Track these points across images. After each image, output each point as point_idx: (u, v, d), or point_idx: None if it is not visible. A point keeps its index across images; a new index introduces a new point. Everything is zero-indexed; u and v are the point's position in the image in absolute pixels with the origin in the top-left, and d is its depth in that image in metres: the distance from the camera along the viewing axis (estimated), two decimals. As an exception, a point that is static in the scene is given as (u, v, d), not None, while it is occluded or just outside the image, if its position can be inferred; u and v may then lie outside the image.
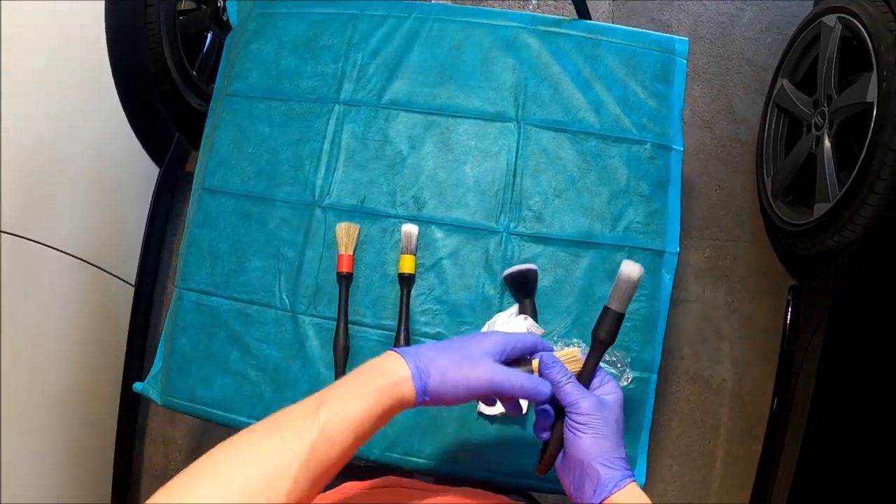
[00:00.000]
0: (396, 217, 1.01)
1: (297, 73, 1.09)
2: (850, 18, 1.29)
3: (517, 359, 0.61)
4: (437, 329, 0.97)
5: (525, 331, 0.90)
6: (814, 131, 1.42)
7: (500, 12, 1.09)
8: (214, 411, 1.00)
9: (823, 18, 1.40)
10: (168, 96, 1.49)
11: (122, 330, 1.52)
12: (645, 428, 0.95)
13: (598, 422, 0.56)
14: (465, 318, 0.97)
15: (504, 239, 0.99)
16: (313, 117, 1.06)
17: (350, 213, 1.02)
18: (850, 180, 1.22)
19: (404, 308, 0.96)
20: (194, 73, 1.55)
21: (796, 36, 1.55)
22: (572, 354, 0.65)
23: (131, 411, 1.60)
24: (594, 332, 0.63)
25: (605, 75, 1.05)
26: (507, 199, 1.01)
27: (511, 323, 0.91)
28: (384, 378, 0.54)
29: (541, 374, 0.60)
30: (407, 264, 0.97)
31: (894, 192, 1.13)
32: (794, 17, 1.83)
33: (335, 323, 0.98)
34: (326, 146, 1.05)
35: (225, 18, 1.64)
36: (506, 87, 1.05)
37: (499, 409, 0.92)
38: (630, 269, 0.63)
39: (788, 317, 1.47)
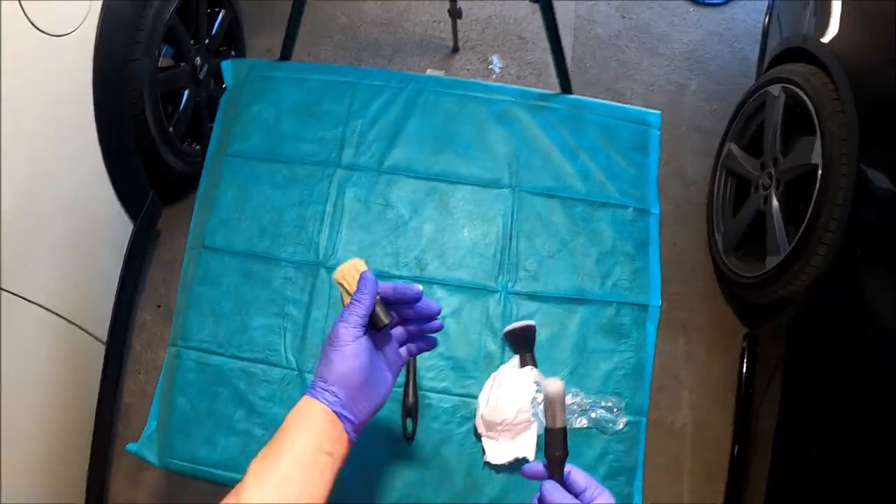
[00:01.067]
0: (400, 277, 1.05)
1: (297, 136, 1.13)
2: (794, 88, 1.46)
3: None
4: (444, 384, 1.01)
5: (531, 381, 0.96)
6: (761, 191, 1.58)
7: (492, 86, 1.18)
8: (218, 472, 0.99)
9: (769, 88, 1.58)
10: (145, 152, 1.49)
11: (91, 389, 1.47)
12: (639, 467, 1.01)
13: None
14: (470, 373, 1.01)
15: (503, 297, 1.05)
16: (315, 180, 1.10)
17: (354, 274, 1.05)
18: (798, 234, 1.37)
19: (412, 365, 1.00)
20: (171, 129, 1.55)
21: (742, 104, 1.73)
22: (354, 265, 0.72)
23: (99, 475, 1.52)
24: (547, 454, 0.66)
25: (588, 146, 1.15)
26: (504, 261, 1.07)
27: (518, 375, 0.97)
28: (293, 414, 0.64)
29: (543, 498, 0.63)
30: (412, 323, 1.01)
31: (839, 245, 1.28)
32: (735, 86, 2.04)
33: (343, 381, 1.00)
34: (329, 208, 1.09)
35: (202, 77, 1.66)
36: (500, 156, 1.13)
37: (505, 458, 0.96)
38: (551, 387, 0.66)
39: (745, 362, 1.59)
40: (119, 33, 1.33)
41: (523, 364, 1.00)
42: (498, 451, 0.97)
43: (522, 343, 1.01)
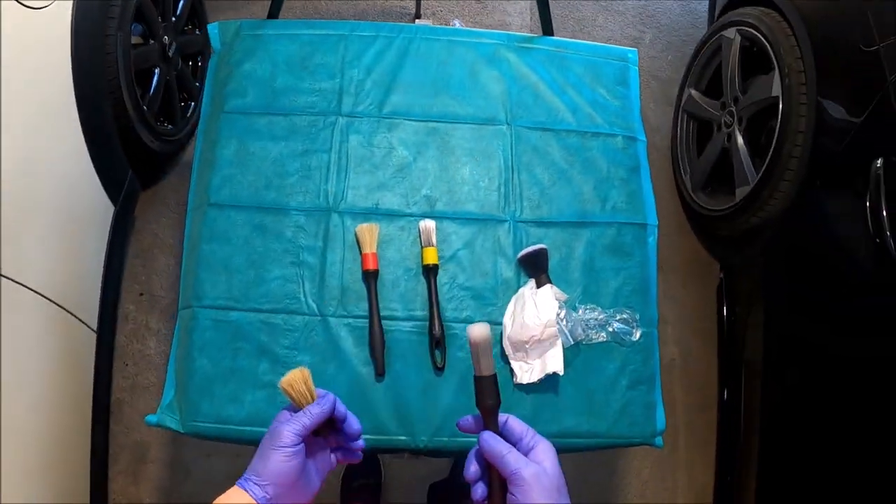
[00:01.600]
0: (412, 215, 1.08)
1: (294, 89, 1.14)
2: (749, 30, 1.57)
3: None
4: (466, 313, 1.04)
5: (553, 298, 1.00)
6: (724, 129, 1.68)
7: (479, 32, 1.22)
8: (248, 429, 0.98)
9: (723, 32, 1.68)
10: (123, 131, 1.45)
11: (87, 380, 1.42)
12: (657, 376, 1.07)
13: (540, 490, 0.57)
14: (490, 301, 1.05)
15: (512, 226, 1.09)
16: (317, 129, 1.11)
17: (366, 216, 1.07)
18: (765, 163, 1.47)
19: (434, 297, 1.02)
20: (145, 108, 1.52)
21: (698, 50, 1.83)
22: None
23: (101, 471, 1.47)
24: (479, 404, 0.65)
25: (575, 82, 1.21)
26: (508, 192, 1.11)
27: (540, 294, 1.01)
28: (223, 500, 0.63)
29: (482, 449, 0.62)
30: (430, 256, 1.03)
31: (804, 170, 1.38)
32: (687, 36, 2.15)
33: (367, 320, 1.02)
34: (334, 156, 1.10)
35: (171, 54, 1.63)
36: (493, 95, 1.17)
37: (534, 377, 1.00)
38: (475, 332, 0.64)
39: (724, 293, 1.68)
40: (94, 8, 1.29)
41: (540, 285, 1.04)
42: (527, 371, 1.01)
43: (537, 266, 1.05)
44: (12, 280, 1.12)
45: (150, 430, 1.66)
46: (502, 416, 0.65)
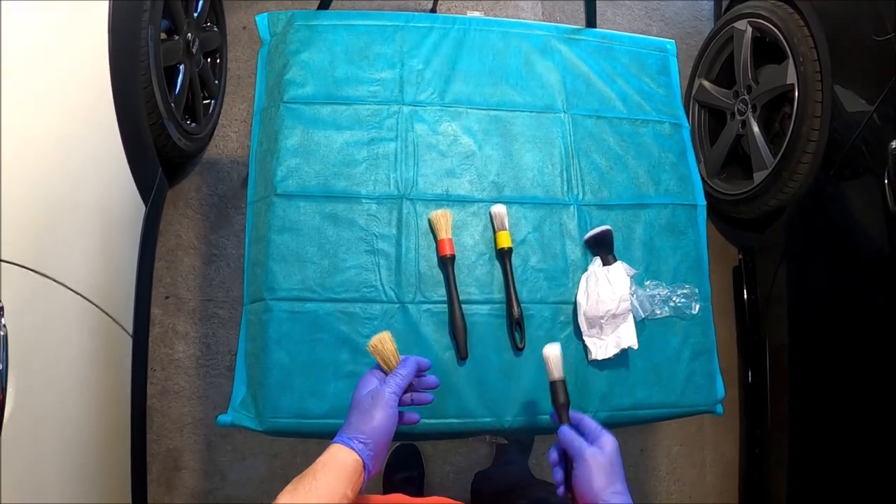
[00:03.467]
0: (482, 201, 1.10)
1: (355, 79, 1.14)
2: (761, 21, 1.65)
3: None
4: (540, 294, 1.06)
5: (625, 273, 1.04)
6: (738, 117, 1.76)
7: (529, 24, 1.25)
8: (331, 421, 0.97)
9: (735, 24, 1.76)
10: (153, 127, 1.42)
11: (125, 384, 1.37)
12: (714, 346, 1.12)
13: (596, 465, 0.71)
14: (560, 281, 1.08)
15: (576, 209, 1.12)
16: (381, 118, 1.12)
17: (437, 202, 1.08)
18: (784, 145, 1.54)
19: (510, 279, 1.04)
20: (172, 104, 1.49)
21: (709, 42, 1.91)
22: None
23: (140, 478, 1.43)
24: (554, 402, 0.83)
25: (622, 72, 1.25)
26: (570, 177, 1.14)
27: (611, 270, 1.04)
28: (327, 459, 0.69)
29: (558, 438, 0.77)
30: (504, 239, 1.06)
31: (821, 151, 1.46)
32: (692, 28, 2.23)
33: (446, 305, 1.03)
34: (401, 144, 1.11)
35: (194, 51, 1.60)
36: (549, 84, 1.20)
37: (609, 352, 1.03)
38: (550, 350, 0.84)
39: (744, 273, 1.76)
40: (128, 2, 1.27)
41: (607, 264, 1.07)
42: (601, 347, 1.04)
43: (603, 246, 1.09)
44: (54, 280, 1.08)
45: (182, 437, 1.62)
46: (578, 415, 0.80)
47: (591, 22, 1.28)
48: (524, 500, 1.07)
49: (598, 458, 0.71)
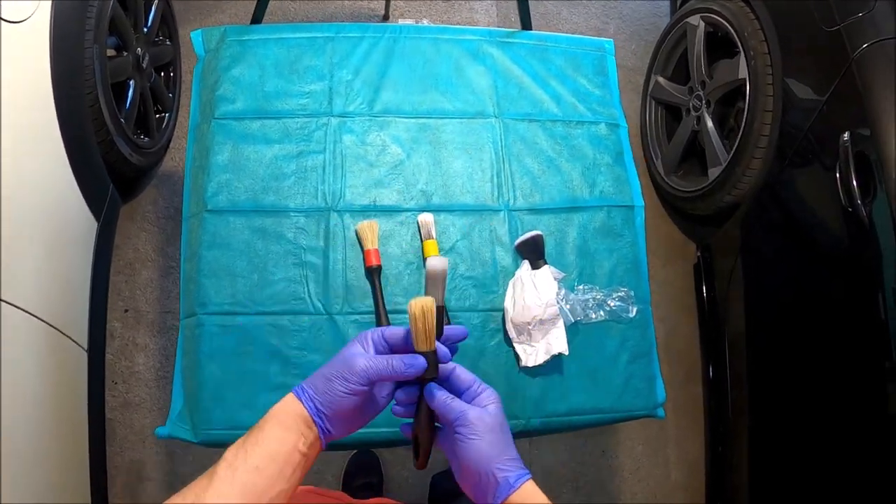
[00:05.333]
0: (409, 210, 1.10)
1: (284, 92, 1.15)
2: (713, 16, 1.64)
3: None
4: (469, 302, 1.06)
5: (551, 277, 1.04)
6: (693, 113, 1.75)
7: (462, 29, 1.25)
8: None
9: (688, 20, 1.75)
10: (102, 144, 1.43)
11: (81, 401, 1.39)
12: (653, 348, 1.12)
13: (484, 429, 0.60)
14: (490, 288, 1.08)
15: (506, 215, 1.12)
16: (310, 130, 1.13)
17: (365, 213, 1.09)
18: (737, 142, 1.54)
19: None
20: (122, 120, 1.50)
21: (663, 38, 1.90)
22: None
23: (101, 494, 1.44)
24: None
25: (557, 73, 1.25)
26: (500, 182, 1.14)
27: (538, 275, 1.04)
28: (276, 409, 0.63)
29: (426, 397, 0.64)
30: (431, 248, 1.06)
31: (773, 146, 1.45)
32: (650, 25, 2.23)
33: (374, 316, 1.03)
34: (328, 156, 1.11)
35: (144, 66, 1.61)
36: (480, 89, 1.20)
37: (539, 359, 1.03)
38: (434, 262, 0.65)
39: (703, 269, 1.75)
40: (71, 20, 1.27)
41: (536, 268, 1.07)
42: (531, 354, 1.04)
43: (534, 252, 1.09)
44: (4, 301, 1.09)
45: (145, 448, 1.64)
46: (449, 366, 0.66)
47: (525, 24, 1.28)
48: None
49: (486, 419, 0.61)
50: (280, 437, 0.59)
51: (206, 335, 1.02)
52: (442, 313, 0.65)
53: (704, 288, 1.75)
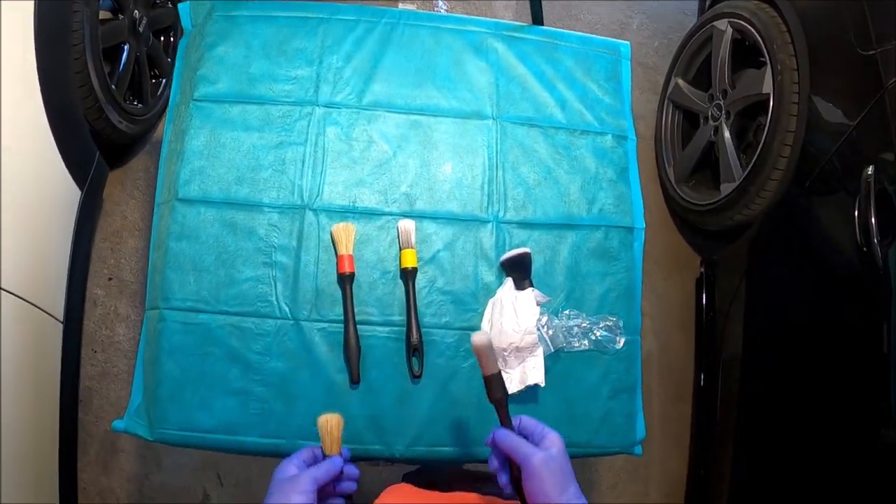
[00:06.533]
0: (390, 214, 1.03)
1: (270, 76, 1.07)
2: (742, 23, 1.53)
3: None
4: (445, 318, 1.00)
5: (534, 303, 0.97)
6: (711, 122, 1.65)
7: (466, 18, 1.16)
8: (218, 436, 0.94)
9: (715, 23, 1.64)
10: (89, 111, 1.37)
11: (53, 373, 1.36)
12: (638, 384, 1.05)
13: (546, 472, 0.66)
14: (469, 306, 1.01)
15: (495, 227, 1.05)
16: (293, 120, 1.05)
17: (343, 214, 1.02)
18: (754, 160, 1.44)
19: (412, 302, 0.98)
20: (113, 87, 1.44)
21: (687, 39, 1.79)
22: None
23: (70, 464, 1.43)
24: (490, 398, 0.75)
25: (565, 76, 1.16)
26: (492, 191, 1.07)
27: (520, 297, 0.97)
28: None
29: (496, 442, 0.71)
30: (409, 258, 0.99)
31: (792, 168, 1.36)
32: (675, 24, 2.10)
33: (342, 325, 0.98)
34: (310, 149, 1.04)
35: (141, 30, 1.54)
36: (480, 87, 1.12)
37: (514, 388, 0.97)
38: (478, 339, 0.74)
39: (705, 286, 1.67)
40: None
41: (521, 289, 1.01)
42: (506, 381, 0.98)
43: (520, 270, 1.02)
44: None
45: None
46: (517, 417, 0.74)
47: (536, 18, 1.18)
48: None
49: (550, 465, 0.67)
50: None
51: (167, 331, 0.97)
52: (500, 380, 0.76)
53: (705, 304, 1.68)
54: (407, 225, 1.01)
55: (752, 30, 1.49)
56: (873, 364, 1.12)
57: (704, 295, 1.67)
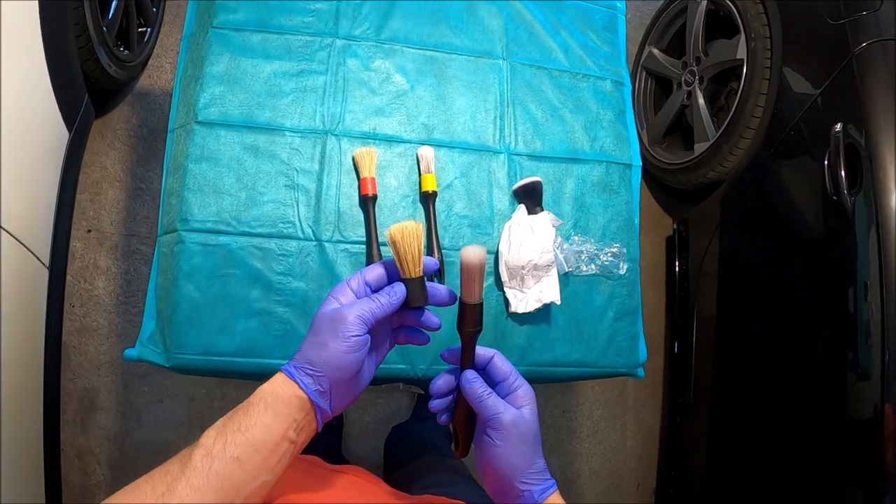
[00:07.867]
0: (409, 142, 1.07)
1: (290, 7, 1.09)
2: (717, -5, 1.65)
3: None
4: (462, 241, 1.05)
5: (550, 224, 1.03)
6: (684, 87, 1.76)
7: (476, -35, 1.21)
8: (239, 359, 0.95)
9: (690, -4, 1.76)
10: (82, 50, 1.34)
11: (39, 320, 1.31)
12: (639, 309, 1.13)
13: (517, 437, 0.57)
14: (485, 230, 1.06)
15: (507, 158, 1.10)
16: (313, 50, 1.07)
17: (363, 140, 1.05)
18: (727, 120, 1.55)
19: (433, 224, 1.02)
20: (104, 28, 1.40)
21: (662, 10, 1.90)
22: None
23: (53, 419, 1.37)
24: (462, 330, 0.61)
25: (567, 24, 1.22)
26: (503, 125, 1.12)
27: (536, 219, 1.03)
28: (263, 391, 0.55)
29: (461, 389, 0.61)
30: (429, 182, 1.03)
31: (763, 128, 1.47)
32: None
33: (364, 246, 1.00)
34: (331, 78, 1.07)
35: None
36: (490, 29, 1.17)
37: (530, 307, 1.02)
38: (470, 254, 0.58)
39: (677, 242, 1.78)
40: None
41: (533, 213, 1.06)
42: (522, 300, 1.03)
43: (532, 198, 1.08)
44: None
45: (99, 376, 1.57)
46: (488, 352, 0.62)
47: (539, -29, 1.25)
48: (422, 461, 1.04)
49: (521, 426, 0.58)
50: (267, 424, 0.53)
51: (186, 253, 0.97)
52: (480, 312, 0.60)
53: (677, 262, 1.78)
54: (427, 151, 1.05)
55: (727, 1, 1.60)
56: (841, 311, 1.22)
57: (677, 250, 1.78)
